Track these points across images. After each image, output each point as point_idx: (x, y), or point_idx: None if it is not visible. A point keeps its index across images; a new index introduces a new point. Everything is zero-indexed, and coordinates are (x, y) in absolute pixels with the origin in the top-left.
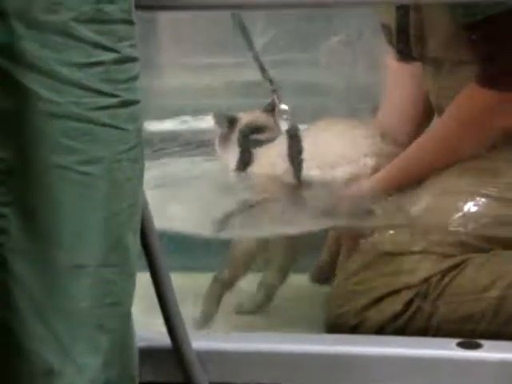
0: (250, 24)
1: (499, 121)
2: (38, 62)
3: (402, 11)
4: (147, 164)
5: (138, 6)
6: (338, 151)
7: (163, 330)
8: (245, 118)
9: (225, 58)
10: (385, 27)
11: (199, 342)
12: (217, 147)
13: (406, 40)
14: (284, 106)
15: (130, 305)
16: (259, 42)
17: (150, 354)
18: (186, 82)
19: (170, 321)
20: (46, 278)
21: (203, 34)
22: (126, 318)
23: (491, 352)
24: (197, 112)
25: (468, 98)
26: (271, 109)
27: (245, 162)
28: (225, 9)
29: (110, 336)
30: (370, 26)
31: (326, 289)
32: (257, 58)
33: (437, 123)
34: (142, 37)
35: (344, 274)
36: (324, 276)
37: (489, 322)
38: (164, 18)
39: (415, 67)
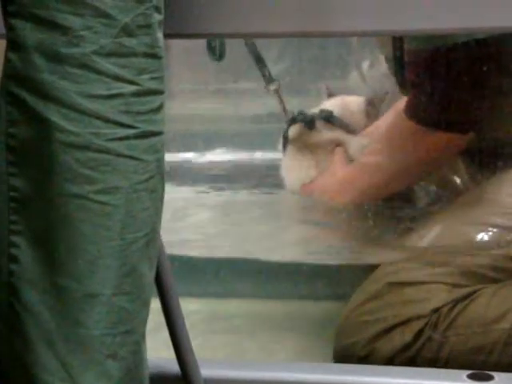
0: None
1: (420, 151)
2: (58, 93)
3: (397, 43)
4: None
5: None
6: None
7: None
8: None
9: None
10: (387, 60)
11: (208, 369)
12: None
13: (401, 72)
14: None
15: (143, 332)
16: (274, 69)
17: (159, 381)
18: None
19: (179, 347)
20: (56, 308)
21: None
22: (140, 345)
23: None
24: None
25: (394, 123)
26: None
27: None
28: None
29: (123, 363)
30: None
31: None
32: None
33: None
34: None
35: (352, 304)
36: None
37: (500, 354)
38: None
39: None
